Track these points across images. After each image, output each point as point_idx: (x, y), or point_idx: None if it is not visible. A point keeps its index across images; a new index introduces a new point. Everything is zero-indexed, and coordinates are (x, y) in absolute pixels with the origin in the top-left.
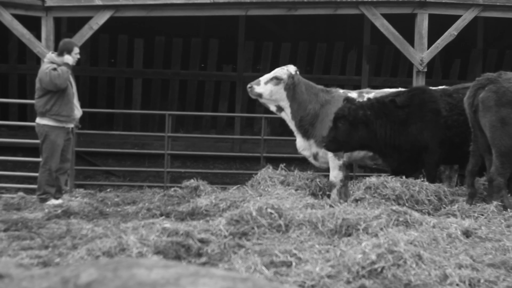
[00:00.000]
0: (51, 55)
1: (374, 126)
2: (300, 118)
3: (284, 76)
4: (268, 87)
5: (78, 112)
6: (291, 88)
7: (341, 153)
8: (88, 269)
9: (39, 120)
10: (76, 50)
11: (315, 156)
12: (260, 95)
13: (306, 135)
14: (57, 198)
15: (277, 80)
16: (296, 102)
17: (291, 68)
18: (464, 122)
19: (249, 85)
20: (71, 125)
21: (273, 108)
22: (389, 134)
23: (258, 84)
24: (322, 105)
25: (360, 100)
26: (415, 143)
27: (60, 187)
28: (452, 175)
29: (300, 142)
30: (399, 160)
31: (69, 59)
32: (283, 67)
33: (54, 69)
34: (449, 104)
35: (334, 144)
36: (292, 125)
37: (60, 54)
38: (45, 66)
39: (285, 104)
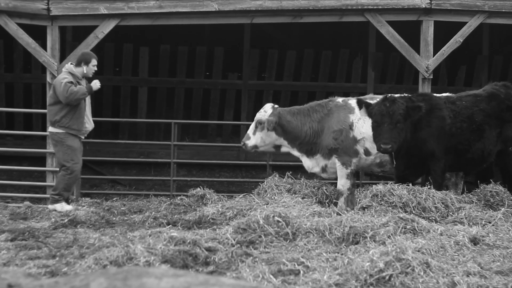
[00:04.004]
0: (69, 66)
1: (404, 126)
2: (299, 143)
3: (264, 118)
4: (257, 136)
5: (89, 125)
6: (276, 125)
7: (349, 162)
8: (97, 278)
9: (51, 129)
10: (94, 62)
11: (324, 169)
12: (255, 147)
13: (311, 153)
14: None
15: (261, 124)
16: (288, 133)
17: (268, 108)
18: (467, 129)
19: (241, 143)
20: (82, 137)
21: (272, 149)
22: (408, 135)
23: (248, 138)
24: (319, 121)
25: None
26: (422, 148)
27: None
28: (458, 182)
29: (307, 162)
30: (406, 164)
31: (97, 85)
32: (260, 110)
33: (71, 82)
34: (453, 112)
35: (395, 145)
36: (294, 152)
37: (78, 64)
38: (62, 76)
39: (280, 140)
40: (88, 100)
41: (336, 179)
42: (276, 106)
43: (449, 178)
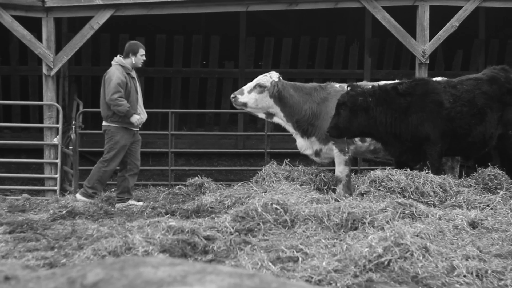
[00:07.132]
0: (119, 58)
1: (374, 112)
2: (296, 120)
3: (268, 84)
4: (252, 96)
5: (143, 115)
6: (276, 95)
7: (347, 149)
8: (94, 269)
9: (105, 123)
10: (142, 51)
11: (318, 153)
12: (244, 105)
13: (306, 134)
14: (127, 199)
15: (260, 88)
16: (288, 106)
17: (274, 75)
18: (468, 113)
19: (232, 95)
20: (137, 129)
21: (262, 115)
22: (389, 122)
23: (242, 93)
24: (318, 103)
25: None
26: (415, 133)
27: (129, 189)
28: (455, 166)
29: (301, 142)
30: (400, 149)
31: (136, 119)
32: (265, 74)
33: (122, 85)
34: (453, 96)
35: (335, 131)
36: (289, 127)
37: (126, 56)
38: (113, 71)
39: (276, 110)
40: (139, 93)
41: (328, 164)
42: (281, 77)
43: (445, 162)
